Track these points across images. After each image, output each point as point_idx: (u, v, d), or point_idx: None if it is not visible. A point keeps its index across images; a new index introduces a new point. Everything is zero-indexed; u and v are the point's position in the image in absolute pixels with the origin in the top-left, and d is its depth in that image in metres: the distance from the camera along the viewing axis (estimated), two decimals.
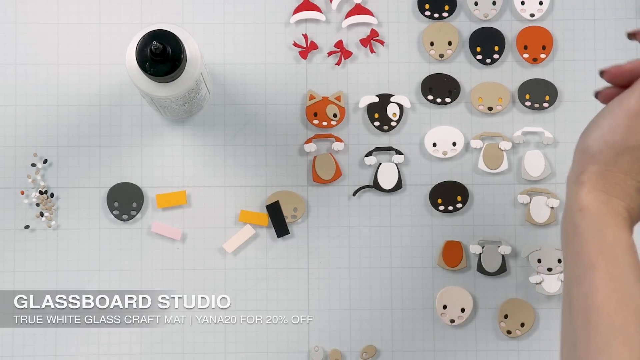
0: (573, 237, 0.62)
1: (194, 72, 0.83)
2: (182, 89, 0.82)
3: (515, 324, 1.10)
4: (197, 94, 0.91)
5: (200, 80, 0.87)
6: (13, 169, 1.10)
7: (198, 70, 0.84)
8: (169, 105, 0.87)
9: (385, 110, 1.12)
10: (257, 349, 1.09)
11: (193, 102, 0.93)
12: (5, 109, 1.11)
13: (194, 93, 0.90)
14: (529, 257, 1.10)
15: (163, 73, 0.79)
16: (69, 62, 1.11)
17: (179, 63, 0.79)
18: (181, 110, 0.94)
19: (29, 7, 1.12)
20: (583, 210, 0.62)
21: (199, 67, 0.84)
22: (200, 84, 0.88)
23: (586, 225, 0.61)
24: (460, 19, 1.14)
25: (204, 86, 0.91)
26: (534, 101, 1.12)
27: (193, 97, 0.91)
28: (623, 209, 0.62)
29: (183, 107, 0.92)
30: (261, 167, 1.12)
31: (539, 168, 1.11)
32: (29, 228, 1.10)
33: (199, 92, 0.92)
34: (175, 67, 0.79)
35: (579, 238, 0.61)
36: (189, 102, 0.91)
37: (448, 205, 1.11)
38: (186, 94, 0.84)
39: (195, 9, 1.12)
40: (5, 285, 1.09)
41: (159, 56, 0.75)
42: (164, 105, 0.87)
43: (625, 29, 1.13)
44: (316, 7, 1.13)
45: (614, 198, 0.63)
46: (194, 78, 0.84)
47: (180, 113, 0.95)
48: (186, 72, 0.82)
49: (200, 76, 0.85)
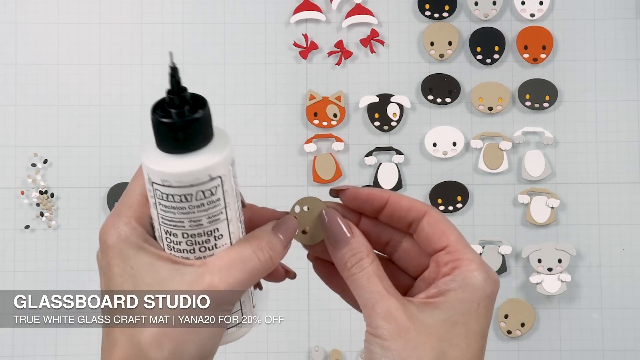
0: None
1: (215, 159, 0.47)
2: (188, 168, 0.46)
3: (515, 324, 1.10)
4: (211, 225, 0.49)
5: (221, 201, 0.49)
6: (13, 169, 1.10)
7: (220, 167, 0.48)
8: (166, 205, 0.48)
9: (386, 110, 1.12)
10: (257, 349, 1.09)
11: (200, 236, 0.49)
12: (5, 109, 1.11)
13: (204, 213, 0.48)
14: (529, 257, 1.10)
15: (171, 118, 0.46)
16: (69, 62, 1.11)
17: (198, 117, 0.46)
18: (180, 232, 0.49)
19: (29, 7, 1.12)
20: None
21: (222, 167, 0.48)
22: (220, 206, 0.49)
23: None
24: (461, 19, 1.14)
25: (227, 233, 0.50)
26: (534, 101, 1.12)
27: (201, 223, 0.49)
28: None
29: (182, 225, 0.48)
30: (261, 167, 1.12)
31: (539, 168, 1.11)
32: (29, 228, 1.10)
33: (216, 228, 0.49)
34: (191, 120, 0.46)
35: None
36: (193, 225, 0.48)
37: (448, 205, 1.11)
38: (193, 195, 0.47)
39: (195, 9, 1.12)
40: (5, 285, 1.09)
41: (174, 93, 0.47)
42: (162, 201, 0.48)
43: (625, 29, 1.13)
44: (316, 7, 1.13)
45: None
46: (210, 168, 0.47)
47: (180, 240, 0.49)
48: (205, 150, 0.47)
49: (221, 190, 0.48)
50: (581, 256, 1.11)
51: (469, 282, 0.48)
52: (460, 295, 0.48)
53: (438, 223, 0.50)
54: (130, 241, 0.47)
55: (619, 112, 1.12)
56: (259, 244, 0.49)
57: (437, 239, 0.50)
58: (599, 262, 1.12)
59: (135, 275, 0.47)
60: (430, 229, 0.50)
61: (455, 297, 0.48)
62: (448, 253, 0.49)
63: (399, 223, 0.52)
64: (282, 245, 0.51)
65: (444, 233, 0.50)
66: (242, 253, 0.48)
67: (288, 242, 0.51)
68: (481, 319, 0.48)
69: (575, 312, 1.11)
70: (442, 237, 0.50)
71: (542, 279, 1.10)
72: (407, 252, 0.53)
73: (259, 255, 0.49)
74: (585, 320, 1.11)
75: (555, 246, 1.10)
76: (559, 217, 1.12)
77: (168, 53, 0.49)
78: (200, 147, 0.47)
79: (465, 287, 0.48)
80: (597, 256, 1.12)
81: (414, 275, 0.53)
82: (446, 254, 0.49)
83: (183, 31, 1.12)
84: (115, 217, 0.48)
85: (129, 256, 0.47)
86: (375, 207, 0.52)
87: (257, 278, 0.49)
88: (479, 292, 0.48)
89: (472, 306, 0.48)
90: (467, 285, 0.48)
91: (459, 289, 0.48)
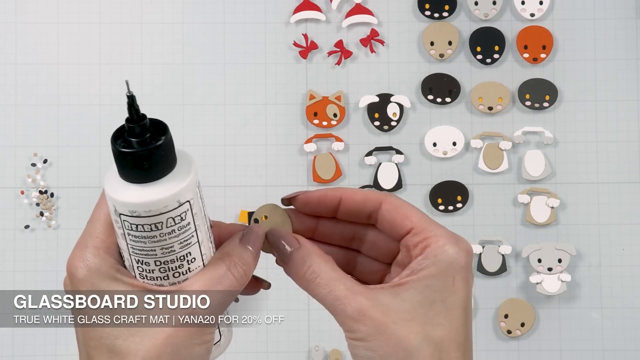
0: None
1: (182, 184, 0.46)
2: (156, 197, 0.45)
3: (515, 324, 1.10)
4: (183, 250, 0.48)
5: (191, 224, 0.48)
6: (13, 168, 1.10)
7: (188, 192, 0.47)
8: (136, 235, 0.46)
9: (385, 110, 1.12)
10: (257, 349, 1.09)
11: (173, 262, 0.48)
12: (5, 109, 1.11)
13: (175, 239, 0.47)
14: (529, 257, 1.10)
15: (133, 147, 0.45)
16: (69, 62, 1.11)
17: (161, 145, 0.45)
18: (152, 260, 0.48)
19: (29, 7, 1.12)
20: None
21: (190, 191, 0.47)
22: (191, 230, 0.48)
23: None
24: (461, 19, 1.14)
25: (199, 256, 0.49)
26: (534, 101, 1.12)
27: (173, 249, 0.48)
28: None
29: (155, 254, 0.47)
30: (261, 167, 1.11)
31: (539, 168, 1.11)
32: (29, 228, 1.10)
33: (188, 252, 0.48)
34: (154, 147, 0.45)
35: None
36: (165, 252, 0.47)
37: (448, 205, 1.11)
38: (164, 223, 0.46)
39: (195, 9, 1.12)
40: (5, 285, 1.09)
41: (133, 122, 0.45)
42: (131, 232, 0.47)
43: (625, 29, 1.13)
44: (316, 7, 1.12)
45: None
46: (178, 194, 0.46)
47: (153, 268, 0.48)
48: (170, 176, 0.46)
49: (191, 213, 0.47)
50: (581, 256, 1.11)
51: (440, 258, 0.46)
52: (434, 272, 0.46)
53: (397, 208, 0.49)
54: (101, 273, 0.46)
55: (619, 112, 1.12)
56: (231, 260, 0.48)
57: (399, 223, 0.49)
58: (599, 262, 1.12)
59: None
60: (391, 215, 0.49)
61: (429, 274, 0.46)
62: (415, 235, 0.48)
63: (358, 217, 0.51)
64: (253, 257, 0.50)
65: (405, 216, 0.49)
66: (216, 273, 0.48)
67: (257, 252, 0.50)
68: (459, 292, 0.47)
69: (575, 312, 1.11)
70: (404, 220, 0.49)
71: (542, 278, 1.10)
72: (374, 243, 0.52)
73: (233, 272, 0.48)
74: (585, 320, 1.11)
75: (555, 246, 1.10)
76: (559, 217, 1.11)
77: (124, 82, 0.47)
78: (165, 174, 0.45)
79: (437, 263, 0.46)
80: (597, 256, 1.12)
81: (388, 261, 0.52)
82: (413, 236, 0.48)
83: (183, 31, 1.12)
84: (82, 249, 0.46)
85: (102, 288, 0.46)
86: (330, 207, 0.51)
87: (235, 295, 0.49)
88: (453, 265, 0.46)
89: (447, 281, 0.46)
90: (440, 262, 0.46)
91: (431, 265, 0.46)
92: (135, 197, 0.45)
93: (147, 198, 0.45)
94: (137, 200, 0.45)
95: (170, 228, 0.46)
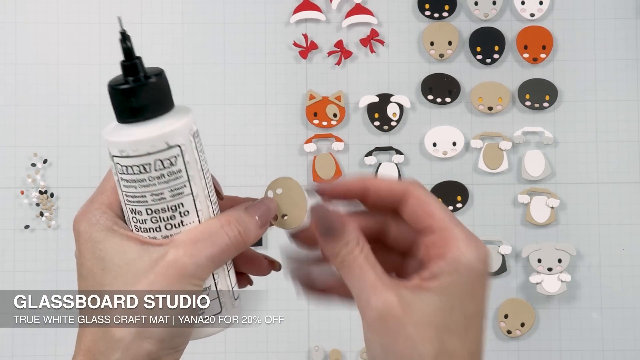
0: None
1: (172, 127, 0.46)
2: (144, 135, 0.46)
3: (515, 324, 1.10)
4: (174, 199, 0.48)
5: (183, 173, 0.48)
6: (13, 169, 1.10)
7: (178, 136, 0.46)
8: (127, 179, 0.47)
9: (385, 110, 1.12)
10: (257, 349, 1.09)
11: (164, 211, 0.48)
12: (5, 109, 1.11)
13: (165, 185, 0.47)
14: (529, 257, 1.10)
15: (124, 84, 0.47)
16: (69, 62, 1.11)
17: (151, 82, 0.48)
18: (144, 209, 0.48)
19: (29, 7, 1.12)
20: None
21: (181, 136, 0.47)
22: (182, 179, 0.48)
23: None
24: (460, 19, 1.14)
25: (193, 210, 0.49)
26: (534, 101, 1.12)
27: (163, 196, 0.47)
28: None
29: (145, 201, 0.47)
30: (261, 167, 1.11)
31: (539, 168, 1.11)
32: (29, 228, 1.10)
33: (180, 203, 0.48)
34: (144, 84, 0.47)
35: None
36: (156, 199, 0.47)
37: (448, 205, 1.11)
38: (152, 164, 0.46)
39: (195, 9, 1.12)
40: (5, 285, 1.09)
41: (127, 60, 0.49)
42: (123, 175, 0.48)
43: (625, 29, 1.13)
44: (316, 7, 1.12)
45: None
46: (166, 135, 0.46)
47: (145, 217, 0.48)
48: (162, 118, 0.47)
49: (182, 160, 0.47)
50: (581, 256, 1.11)
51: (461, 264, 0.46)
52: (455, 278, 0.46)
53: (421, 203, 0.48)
54: (99, 225, 0.47)
55: (619, 112, 1.12)
56: (227, 219, 0.49)
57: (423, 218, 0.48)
58: (599, 262, 1.12)
59: (104, 257, 0.46)
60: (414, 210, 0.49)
61: (450, 281, 0.46)
62: (436, 232, 0.47)
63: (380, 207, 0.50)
64: (254, 224, 0.50)
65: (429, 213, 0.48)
66: (208, 228, 0.48)
67: (263, 223, 0.51)
68: (477, 300, 0.47)
69: (575, 312, 1.11)
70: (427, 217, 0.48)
71: (542, 278, 1.10)
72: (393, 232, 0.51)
73: (227, 231, 0.48)
74: (585, 320, 1.11)
75: (555, 246, 1.10)
76: (559, 217, 1.12)
77: (117, 19, 0.49)
78: (156, 115, 0.46)
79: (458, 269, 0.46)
80: (597, 256, 1.12)
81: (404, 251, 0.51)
82: (434, 233, 0.47)
83: (183, 31, 1.12)
84: (88, 204, 0.49)
85: (99, 239, 0.47)
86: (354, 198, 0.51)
87: (227, 255, 0.48)
88: (474, 272, 0.46)
89: (467, 289, 0.46)
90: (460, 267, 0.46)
91: (453, 272, 0.46)
92: (125, 136, 0.46)
93: (135, 137, 0.46)
94: (126, 138, 0.46)
95: (159, 172, 0.46)
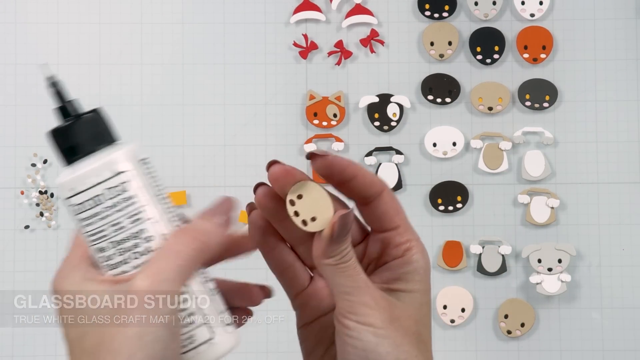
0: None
1: (115, 155, 0.46)
2: (89, 167, 0.46)
3: (515, 324, 1.10)
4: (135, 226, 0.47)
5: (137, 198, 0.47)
6: (13, 169, 1.10)
7: (123, 162, 0.47)
8: (84, 217, 0.46)
9: (385, 110, 1.12)
10: (257, 349, 1.09)
11: (127, 240, 0.47)
12: (5, 109, 1.11)
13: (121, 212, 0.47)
14: (529, 257, 1.10)
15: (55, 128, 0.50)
16: (69, 62, 1.11)
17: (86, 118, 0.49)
18: (107, 243, 0.47)
19: (29, 7, 1.12)
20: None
21: (126, 162, 0.47)
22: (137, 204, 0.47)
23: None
24: (460, 19, 1.14)
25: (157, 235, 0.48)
26: (534, 101, 1.12)
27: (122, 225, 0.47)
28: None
29: (106, 234, 0.47)
30: (261, 167, 1.11)
31: (539, 168, 1.11)
32: (29, 228, 1.10)
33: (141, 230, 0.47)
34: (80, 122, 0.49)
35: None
36: (117, 229, 0.47)
37: (448, 205, 1.11)
38: (103, 195, 0.45)
39: (195, 9, 1.12)
40: (5, 285, 1.09)
41: (60, 103, 0.50)
42: (80, 215, 0.47)
43: (625, 29, 1.13)
44: (316, 7, 1.12)
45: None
46: (111, 162, 0.46)
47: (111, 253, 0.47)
48: (105, 150, 0.47)
49: (133, 185, 0.47)
50: (581, 256, 1.11)
51: (420, 264, 0.50)
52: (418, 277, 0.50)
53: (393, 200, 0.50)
54: (74, 280, 0.49)
55: (619, 112, 1.12)
56: (183, 230, 0.49)
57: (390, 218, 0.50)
58: (599, 262, 1.12)
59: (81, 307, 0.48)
60: (387, 206, 0.50)
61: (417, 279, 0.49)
62: (400, 234, 0.50)
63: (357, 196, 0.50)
64: (213, 224, 0.51)
65: (397, 212, 0.50)
66: (168, 244, 0.47)
67: (222, 220, 0.51)
68: (429, 292, 0.51)
69: (575, 312, 1.11)
70: (395, 216, 0.50)
71: (542, 279, 1.10)
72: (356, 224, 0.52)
73: (184, 241, 0.48)
74: (585, 320, 1.11)
75: (555, 246, 1.10)
76: (559, 217, 1.11)
77: (42, 66, 0.50)
78: (98, 148, 0.48)
79: (418, 270, 0.50)
80: (597, 256, 1.12)
81: (354, 243, 0.51)
82: (398, 235, 0.50)
83: (183, 31, 1.12)
84: (64, 265, 0.50)
85: (75, 292, 0.48)
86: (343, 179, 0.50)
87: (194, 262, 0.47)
88: (428, 270, 0.50)
89: (427, 285, 0.50)
90: (420, 267, 0.50)
91: (414, 272, 0.49)
92: (71, 174, 0.47)
93: (80, 171, 0.47)
94: (72, 175, 0.47)
95: (112, 200, 0.46)
